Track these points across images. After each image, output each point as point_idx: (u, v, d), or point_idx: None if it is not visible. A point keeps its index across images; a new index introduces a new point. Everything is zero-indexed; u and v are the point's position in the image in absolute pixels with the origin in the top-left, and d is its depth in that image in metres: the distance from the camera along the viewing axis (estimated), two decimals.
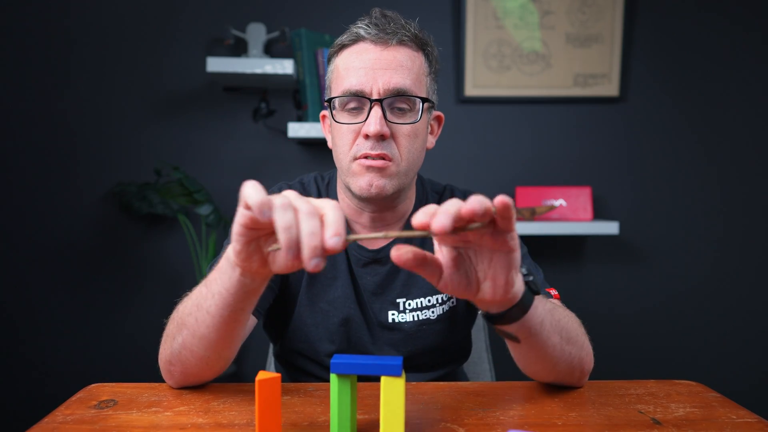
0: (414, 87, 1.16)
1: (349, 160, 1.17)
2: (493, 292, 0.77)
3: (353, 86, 1.15)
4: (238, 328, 0.92)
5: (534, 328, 0.87)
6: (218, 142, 2.67)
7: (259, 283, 0.83)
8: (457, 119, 2.69)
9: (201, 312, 0.90)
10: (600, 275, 2.76)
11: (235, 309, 0.87)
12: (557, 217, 2.59)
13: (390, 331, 1.25)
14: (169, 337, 0.98)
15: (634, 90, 2.71)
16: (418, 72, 1.18)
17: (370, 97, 1.14)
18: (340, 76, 1.18)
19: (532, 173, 2.72)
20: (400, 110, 1.16)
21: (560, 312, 0.97)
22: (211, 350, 0.94)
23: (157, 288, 2.69)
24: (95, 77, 2.63)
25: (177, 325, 0.96)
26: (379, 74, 1.14)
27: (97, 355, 2.68)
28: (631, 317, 2.77)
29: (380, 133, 1.12)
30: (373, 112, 1.13)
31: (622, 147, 2.74)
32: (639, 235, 2.75)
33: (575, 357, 0.99)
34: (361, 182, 1.15)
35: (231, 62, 2.37)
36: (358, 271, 1.26)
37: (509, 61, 2.64)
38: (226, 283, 0.84)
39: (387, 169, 1.15)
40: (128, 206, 2.52)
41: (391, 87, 1.14)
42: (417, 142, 1.18)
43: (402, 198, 1.25)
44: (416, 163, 1.20)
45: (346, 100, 1.16)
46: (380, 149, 1.13)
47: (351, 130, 1.16)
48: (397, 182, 1.17)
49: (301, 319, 1.26)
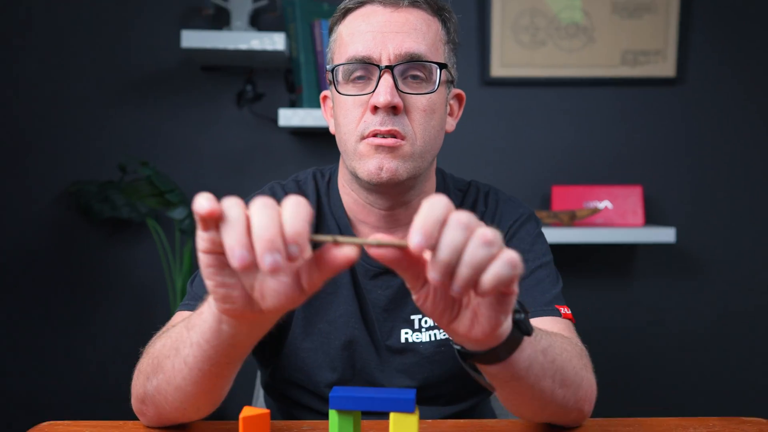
0: (429, 53, 1.17)
1: (355, 140, 1.17)
2: (470, 327, 0.75)
3: (359, 52, 1.16)
4: (221, 382, 0.91)
5: (519, 373, 0.85)
6: (195, 132, 2.67)
7: (247, 332, 0.79)
8: (481, 105, 2.69)
9: (178, 359, 0.88)
10: (652, 292, 2.76)
11: (217, 363, 0.84)
12: (601, 223, 2.59)
13: (402, 355, 1.26)
14: (142, 374, 0.99)
15: (694, 70, 2.71)
16: (434, 37, 1.19)
17: (379, 64, 1.15)
18: (344, 43, 1.20)
19: (571, 169, 2.73)
20: (415, 79, 1.17)
21: (557, 348, 0.95)
22: (188, 403, 0.94)
23: (122, 307, 2.68)
24: (46, 56, 2.63)
25: (153, 365, 0.95)
26: (390, 38, 1.15)
27: (51, 387, 2.67)
28: (688, 341, 2.77)
29: (391, 103, 1.13)
30: (383, 80, 1.14)
31: (679, 138, 2.73)
32: (699, 244, 2.75)
33: (570, 400, 0.98)
34: (369, 165, 1.16)
35: (210, 36, 2.36)
36: (365, 284, 1.26)
37: (544, 34, 2.65)
38: (205, 333, 0.81)
39: (399, 149, 1.15)
40: (87, 209, 2.51)
41: (404, 52, 1.15)
42: (434, 118, 1.19)
43: (417, 191, 1.25)
44: (433, 144, 1.21)
45: (351, 69, 1.18)
46: (391, 124, 1.14)
47: (357, 103, 1.17)
48: (412, 165, 1.17)
49: (296, 344, 1.26)
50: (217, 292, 0.71)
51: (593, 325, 2.72)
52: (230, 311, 0.73)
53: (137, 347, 1.06)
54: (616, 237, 2.45)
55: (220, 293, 0.71)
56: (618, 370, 2.75)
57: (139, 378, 0.99)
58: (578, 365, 1.00)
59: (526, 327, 0.81)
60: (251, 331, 0.79)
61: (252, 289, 0.69)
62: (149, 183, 2.39)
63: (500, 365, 0.82)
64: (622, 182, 2.71)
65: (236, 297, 0.71)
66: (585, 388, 1.01)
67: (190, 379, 0.88)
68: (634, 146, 2.73)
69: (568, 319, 1.19)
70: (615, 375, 2.74)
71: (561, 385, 0.95)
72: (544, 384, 0.91)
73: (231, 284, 0.70)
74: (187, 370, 0.87)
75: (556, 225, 2.51)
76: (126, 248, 2.69)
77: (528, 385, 0.88)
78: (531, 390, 0.90)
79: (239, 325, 0.77)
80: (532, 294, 1.20)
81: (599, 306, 2.75)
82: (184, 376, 0.88)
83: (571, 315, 1.20)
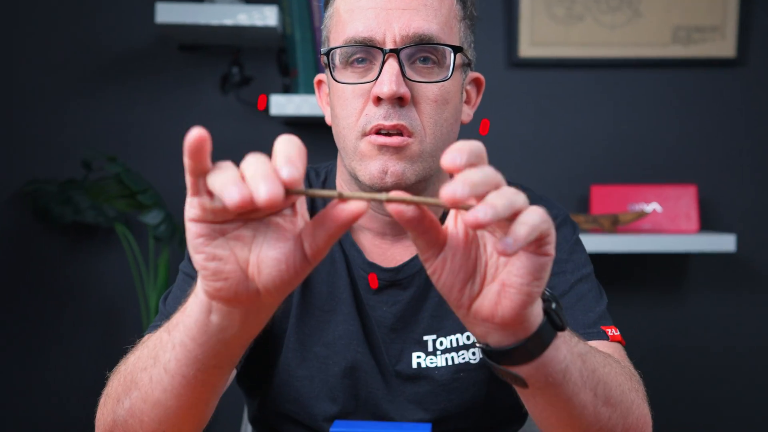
0: (442, 33, 1.17)
1: (355, 137, 1.18)
2: (495, 304, 0.75)
3: (360, 32, 1.15)
4: (207, 393, 0.91)
5: (554, 377, 0.84)
6: (172, 122, 2.67)
7: (239, 323, 0.78)
8: (507, 90, 2.70)
9: (157, 368, 0.88)
10: (708, 308, 2.75)
11: (204, 366, 0.84)
12: (649, 228, 2.58)
13: (414, 382, 1.26)
14: (111, 398, 0.99)
15: (757, 49, 2.71)
16: (447, 14, 1.19)
17: (383, 47, 1.15)
18: (342, 21, 1.20)
19: (613, 166, 2.72)
20: (424, 63, 1.17)
21: (598, 358, 0.96)
22: (168, 423, 0.93)
23: (86, 327, 2.68)
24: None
25: (125, 383, 0.96)
26: (395, 15, 1.15)
27: (2, 418, 2.66)
28: (751, 364, 2.76)
29: (397, 93, 1.12)
30: (387, 66, 1.13)
31: (739, 129, 2.73)
32: (763, 253, 2.75)
33: (617, 425, 0.96)
34: (372, 168, 1.16)
35: (190, 9, 2.37)
36: (368, 300, 1.27)
37: (581, 7, 2.65)
38: (190, 328, 0.80)
39: (406, 149, 1.15)
40: (46, 212, 2.51)
41: (411, 33, 1.14)
42: (447, 109, 1.19)
43: (428, 192, 1.25)
44: (446, 140, 1.21)
45: (350, 52, 1.18)
46: (397, 118, 1.14)
47: (357, 93, 1.17)
48: (421, 167, 1.17)
49: (289, 370, 1.26)
50: (207, 267, 0.71)
51: (639, 348, 2.73)
52: (223, 291, 0.73)
53: (103, 373, 1.06)
54: (666, 245, 2.46)
55: (210, 268, 0.71)
56: (669, 399, 2.77)
57: (107, 404, 1.00)
58: (626, 385, 1.00)
59: (560, 319, 0.81)
60: (245, 323, 0.78)
61: (247, 263, 0.71)
62: (118, 182, 2.38)
63: (532, 366, 0.81)
64: (672, 181, 2.70)
65: (229, 272, 0.71)
66: (636, 414, 1.00)
67: (171, 391, 0.88)
68: (687, 139, 2.73)
69: (617, 342, 1.19)
70: (666, 404, 2.74)
71: (605, 403, 0.93)
72: (584, 397, 0.90)
73: (223, 256, 0.71)
74: (168, 378, 0.87)
75: (596, 231, 2.50)
76: (91, 258, 2.69)
77: (565, 396, 0.87)
78: (569, 403, 0.89)
79: (231, 314, 0.76)
80: (572, 313, 1.20)
81: (646, 326, 2.75)
82: (165, 387, 0.88)
83: (620, 337, 1.20)
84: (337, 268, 1.27)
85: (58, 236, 2.67)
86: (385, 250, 1.28)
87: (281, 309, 1.24)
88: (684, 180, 2.70)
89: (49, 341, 2.68)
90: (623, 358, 1.16)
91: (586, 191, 2.69)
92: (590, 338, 1.15)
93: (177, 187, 2.62)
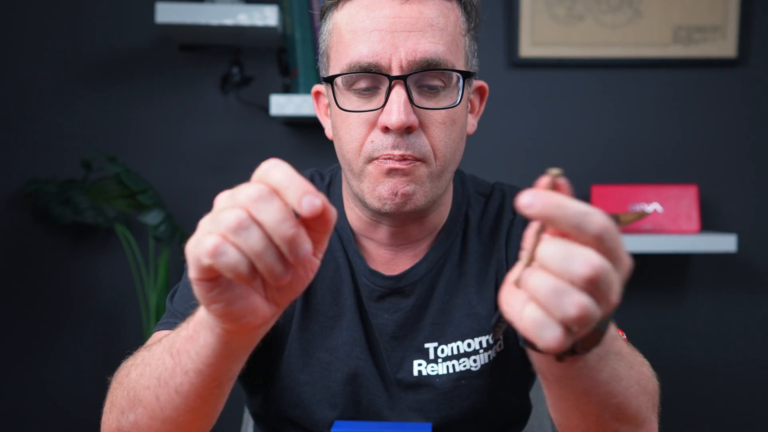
0: (449, 54, 1.15)
1: (362, 162, 1.16)
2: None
3: (364, 57, 1.13)
4: (220, 401, 0.96)
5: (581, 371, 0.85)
6: (172, 122, 2.67)
7: (251, 337, 0.83)
8: (508, 91, 2.69)
9: (167, 390, 0.92)
10: (709, 309, 2.75)
11: (219, 383, 0.89)
12: (649, 228, 2.58)
13: (415, 390, 1.26)
14: (116, 408, 1.01)
15: (758, 49, 2.71)
16: (453, 31, 1.17)
17: (389, 74, 1.12)
18: (344, 42, 1.17)
19: (613, 166, 2.72)
20: (432, 90, 1.15)
21: (627, 353, 0.99)
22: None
23: (86, 329, 2.68)
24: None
25: (129, 398, 0.98)
26: (401, 39, 1.12)
27: (2, 418, 2.66)
28: (752, 367, 2.75)
29: (406, 124, 1.11)
30: (394, 94, 1.12)
31: (741, 129, 2.73)
32: (765, 254, 2.74)
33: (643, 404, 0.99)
34: (381, 190, 1.15)
35: (190, 9, 2.36)
36: (370, 307, 1.27)
37: (582, 7, 2.65)
38: (204, 356, 0.84)
39: (416, 171, 1.14)
40: (45, 212, 2.51)
41: (419, 58, 1.12)
42: (455, 130, 1.18)
43: (435, 207, 1.26)
44: (454, 160, 1.21)
45: (354, 79, 1.15)
46: (405, 148, 1.12)
47: (363, 120, 1.16)
48: (430, 188, 1.17)
49: (292, 376, 1.26)
50: (228, 314, 0.75)
51: (639, 348, 2.65)
52: (231, 319, 0.76)
53: (104, 376, 1.08)
54: (666, 245, 2.46)
55: (232, 313, 0.75)
56: (669, 399, 2.70)
57: (112, 412, 1.02)
58: (645, 403, 1.01)
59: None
60: (254, 335, 0.84)
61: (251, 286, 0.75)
62: (118, 182, 2.38)
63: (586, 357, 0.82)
64: (673, 181, 2.70)
65: (238, 302, 0.75)
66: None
67: (184, 407, 0.92)
68: (688, 139, 2.73)
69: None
70: (666, 404, 2.68)
71: (614, 418, 0.94)
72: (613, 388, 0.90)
73: (231, 295, 0.74)
74: (182, 399, 0.91)
75: None
76: (91, 259, 2.68)
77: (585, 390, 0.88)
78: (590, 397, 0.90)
79: (240, 334, 0.81)
80: None
81: (646, 326, 2.76)
82: (177, 406, 0.92)
83: (626, 339, 1.18)
84: (341, 274, 1.27)
85: (58, 236, 2.66)
86: (389, 259, 1.28)
87: (283, 314, 1.27)
88: (685, 180, 2.70)
89: (49, 341, 2.67)
90: None
91: (587, 191, 2.67)
92: None
93: (177, 187, 2.63)
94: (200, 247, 0.69)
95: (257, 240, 0.68)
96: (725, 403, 2.75)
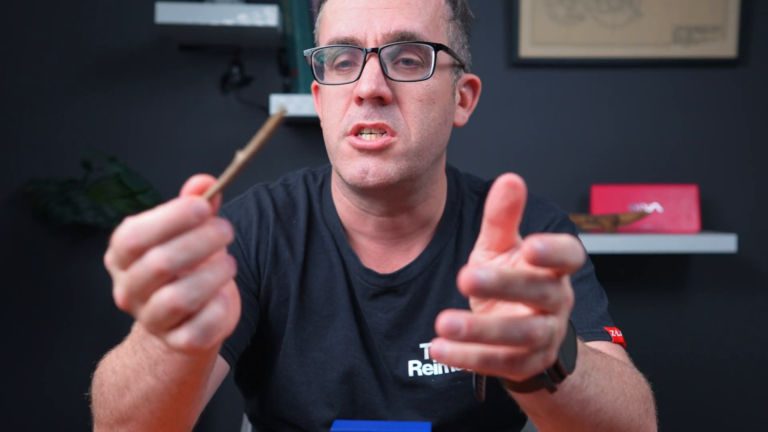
0: (426, 32, 1.17)
1: (338, 137, 1.18)
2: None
3: (342, 32, 1.16)
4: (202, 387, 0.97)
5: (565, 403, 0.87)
6: (172, 122, 2.67)
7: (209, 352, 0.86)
8: (507, 90, 2.69)
9: (147, 402, 0.95)
10: (710, 307, 2.75)
11: (200, 383, 0.93)
12: (649, 228, 2.58)
13: (411, 390, 1.26)
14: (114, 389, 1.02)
15: (758, 49, 2.70)
16: (433, 13, 1.19)
17: (365, 47, 1.15)
18: (327, 23, 1.21)
19: (613, 166, 2.72)
20: (408, 64, 1.17)
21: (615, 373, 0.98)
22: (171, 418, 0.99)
23: (87, 330, 2.67)
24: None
25: (119, 384, 0.99)
26: (377, 15, 1.15)
27: (2, 418, 2.66)
28: (752, 368, 2.75)
29: (376, 92, 1.12)
30: (368, 65, 1.14)
31: (741, 129, 2.72)
32: (765, 254, 2.74)
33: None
34: (352, 168, 1.16)
35: (190, 9, 2.36)
36: (364, 306, 1.27)
37: (582, 7, 2.65)
38: (181, 369, 0.88)
39: (390, 148, 1.15)
40: (45, 213, 2.50)
41: (393, 31, 1.15)
42: (434, 109, 1.18)
43: (422, 194, 1.25)
44: (434, 140, 1.20)
45: (334, 53, 1.18)
46: (378, 117, 1.14)
47: (341, 93, 1.18)
48: (406, 165, 1.16)
49: (287, 375, 1.26)
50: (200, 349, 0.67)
51: (640, 348, 2.66)
52: (214, 346, 0.80)
53: None
54: (666, 245, 2.46)
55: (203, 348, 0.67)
56: (669, 399, 2.71)
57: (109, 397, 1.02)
58: (636, 410, 1.00)
59: (563, 368, 0.78)
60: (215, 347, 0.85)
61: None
62: (118, 182, 2.40)
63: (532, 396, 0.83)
64: (673, 181, 2.70)
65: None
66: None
67: (171, 403, 0.94)
68: (688, 139, 2.73)
69: (620, 344, 1.19)
70: (666, 405, 2.68)
71: (627, 403, 0.97)
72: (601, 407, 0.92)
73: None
74: (161, 405, 0.94)
75: (597, 231, 2.49)
76: (91, 258, 2.67)
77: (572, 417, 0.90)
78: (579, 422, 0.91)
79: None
80: (573, 313, 1.19)
81: (646, 326, 2.75)
82: (165, 406, 0.94)
83: (622, 338, 1.19)
84: (335, 273, 1.27)
85: (58, 236, 2.66)
86: (381, 255, 1.28)
87: (278, 314, 1.27)
88: (685, 180, 2.69)
89: (49, 341, 2.67)
90: (625, 360, 1.15)
91: (587, 191, 2.69)
92: (593, 338, 1.16)
93: (177, 187, 2.60)
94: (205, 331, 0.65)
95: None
96: (725, 402, 2.75)
